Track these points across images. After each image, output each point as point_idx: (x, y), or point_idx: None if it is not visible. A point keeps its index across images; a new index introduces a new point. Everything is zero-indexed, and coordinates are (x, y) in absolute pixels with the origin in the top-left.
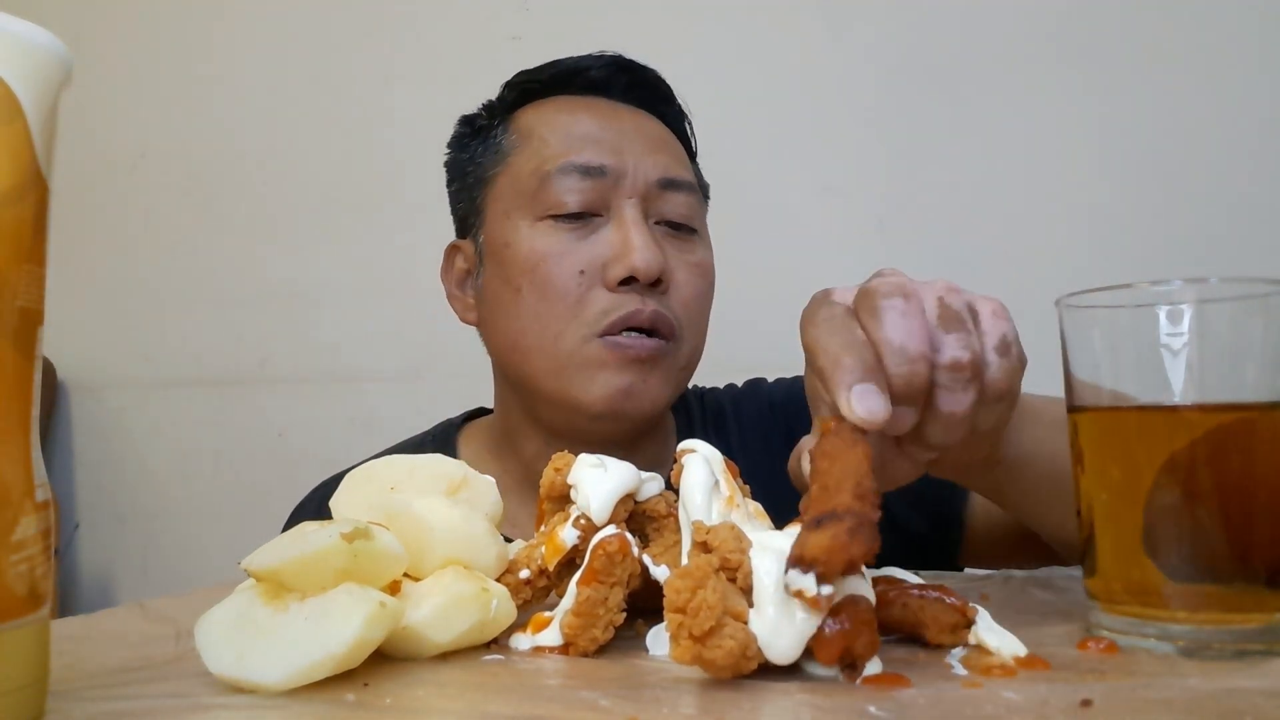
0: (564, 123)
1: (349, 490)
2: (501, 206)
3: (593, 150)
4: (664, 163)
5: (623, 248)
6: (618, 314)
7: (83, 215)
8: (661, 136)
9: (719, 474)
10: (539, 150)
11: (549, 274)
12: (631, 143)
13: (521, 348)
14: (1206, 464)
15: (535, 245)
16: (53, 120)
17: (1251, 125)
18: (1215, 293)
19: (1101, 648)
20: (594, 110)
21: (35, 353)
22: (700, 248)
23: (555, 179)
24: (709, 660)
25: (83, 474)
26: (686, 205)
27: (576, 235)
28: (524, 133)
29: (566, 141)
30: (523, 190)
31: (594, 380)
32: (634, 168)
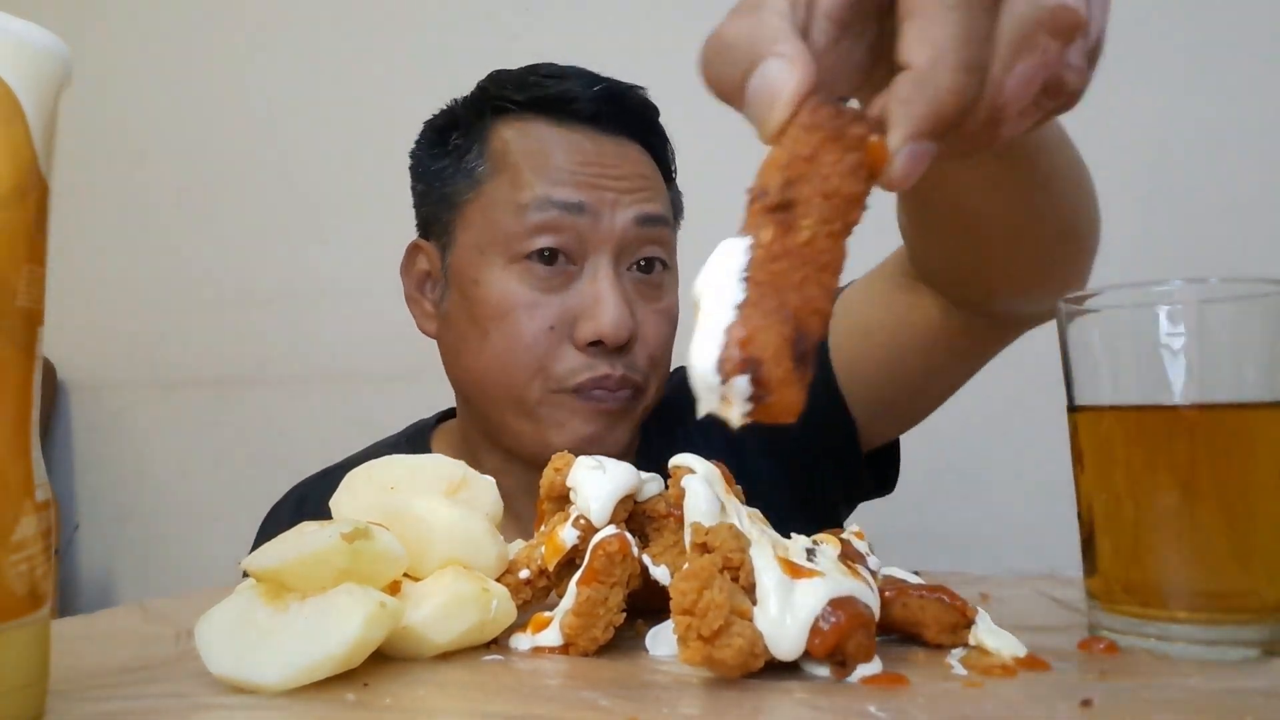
0: (542, 155)
1: (349, 490)
2: (473, 238)
3: (570, 186)
4: (640, 200)
5: (594, 307)
6: (584, 377)
7: (83, 215)
8: (640, 172)
9: (721, 494)
10: (514, 180)
11: (519, 326)
12: (610, 180)
13: (485, 388)
14: (1206, 464)
15: (507, 291)
16: (53, 120)
17: (1251, 125)
18: (1215, 293)
19: (1101, 648)
20: (573, 144)
21: (35, 353)
22: (668, 288)
23: (531, 214)
24: (719, 660)
25: (83, 474)
26: (660, 242)
27: (549, 285)
28: (498, 159)
29: (544, 175)
30: (497, 225)
31: (562, 427)
32: (612, 206)
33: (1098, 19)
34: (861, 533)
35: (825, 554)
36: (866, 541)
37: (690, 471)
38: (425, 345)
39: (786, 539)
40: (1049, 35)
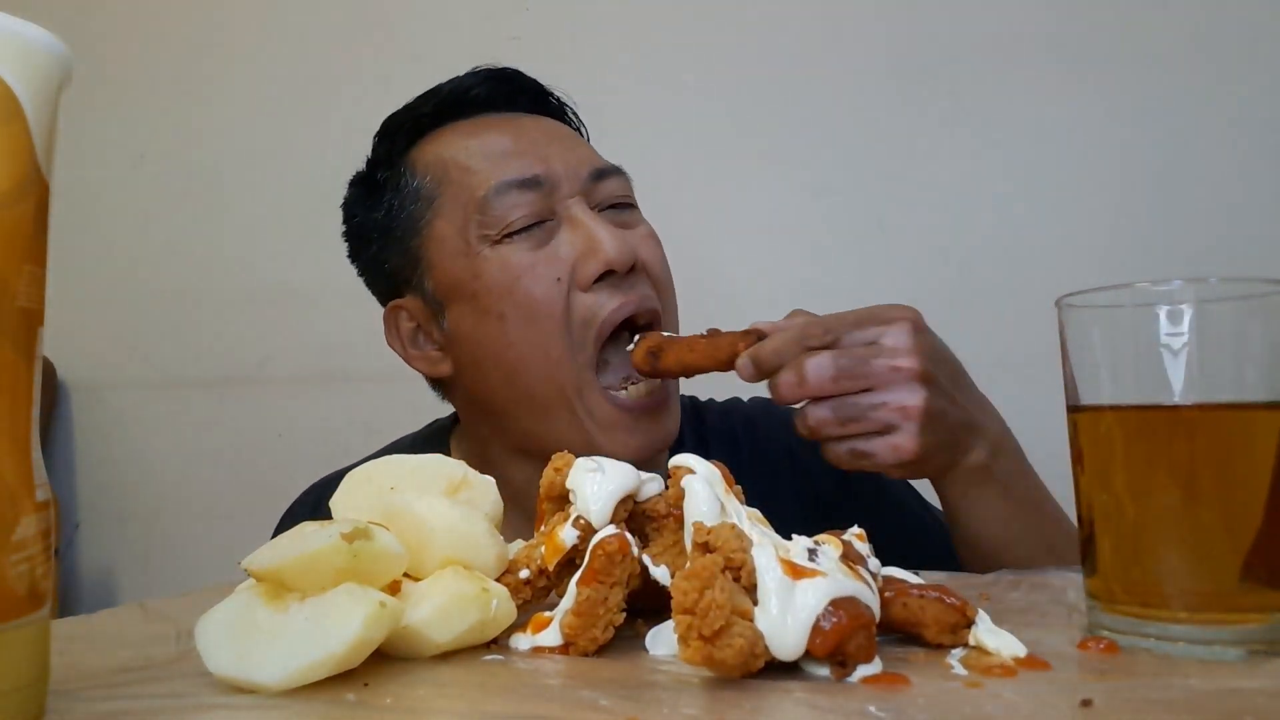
0: (476, 147)
1: (349, 491)
2: (450, 248)
3: (518, 163)
4: (586, 155)
5: (588, 245)
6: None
7: (83, 215)
8: (566, 133)
9: (721, 495)
10: (464, 181)
11: (528, 289)
12: (549, 147)
13: (520, 375)
14: (1206, 464)
15: (508, 262)
16: (53, 120)
17: (1251, 125)
18: (1215, 293)
19: (1101, 648)
20: (498, 127)
21: (35, 353)
22: (644, 222)
23: (494, 201)
24: (720, 660)
25: (83, 474)
26: (621, 186)
27: (536, 243)
28: (438, 171)
29: (487, 163)
30: (467, 224)
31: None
32: (563, 169)
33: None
34: (863, 534)
35: (827, 554)
36: (868, 543)
37: (690, 472)
38: None
39: (787, 540)
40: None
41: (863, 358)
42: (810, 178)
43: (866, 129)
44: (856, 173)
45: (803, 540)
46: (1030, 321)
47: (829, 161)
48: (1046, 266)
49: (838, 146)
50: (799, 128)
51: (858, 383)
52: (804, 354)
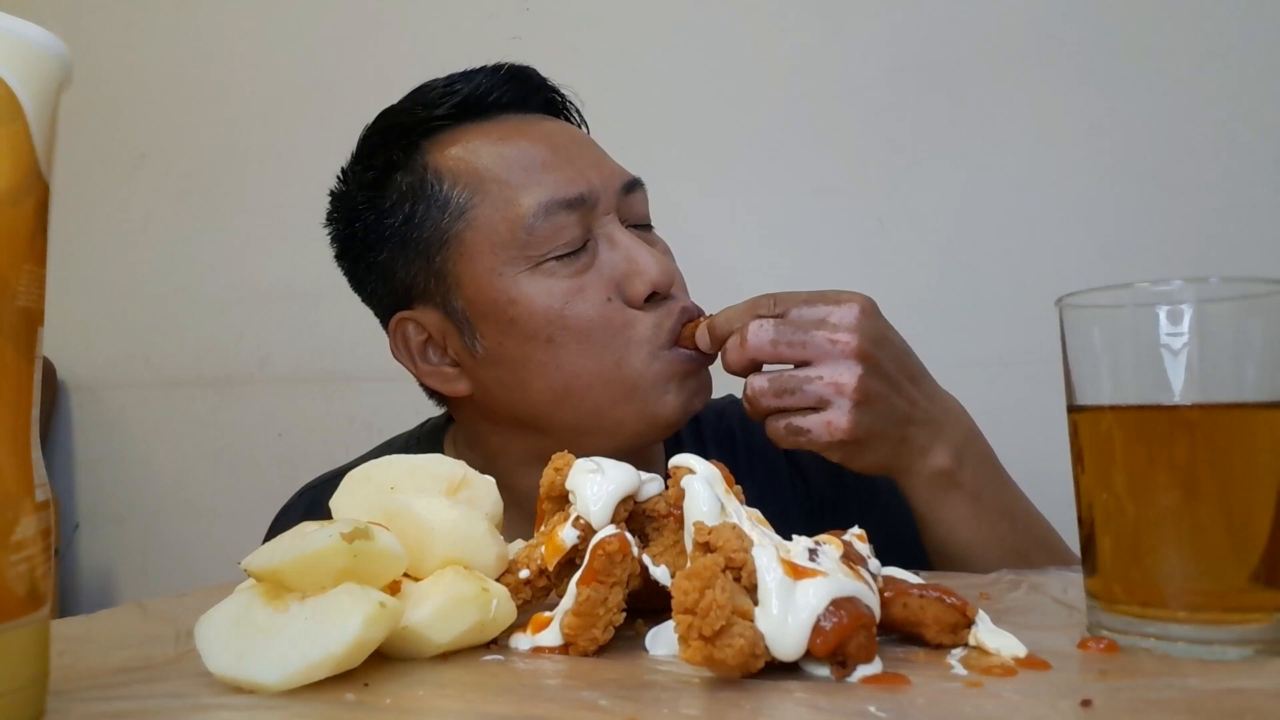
0: (513, 157)
1: (349, 491)
2: (482, 265)
3: (559, 180)
4: (614, 167)
5: (630, 266)
6: (670, 321)
7: (83, 215)
8: (588, 140)
9: (721, 495)
10: (505, 196)
11: (581, 312)
12: (582, 157)
13: (575, 393)
14: (1206, 464)
15: (551, 291)
16: (53, 120)
17: (1251, 125)
18: (1215, 293)
19: (1101, 648)
20: (528, 134)
21: (35, 353)
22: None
23: (541, 221)
24: (719, 660)
25: (83, 474)
26: (643, 202)
27: (578, 268)
28: (472, 181)
29: (529, 177)
30: (507, 243)
31: (667, 391)
32: (600, 183)
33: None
34: (864, 535)
35: (827, 554)
36: (868, 544)
37: (690, 472)
38: None
39: (788, 540)
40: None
41: (804, 327)
42: (810, 177)
43: (867, 128)
44: (856, 172)
45: (803, 540)
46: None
47: (829, 161)
48: (1046, 266)
49: (838, 146)
50: (799, 127)
51: (795, 351)
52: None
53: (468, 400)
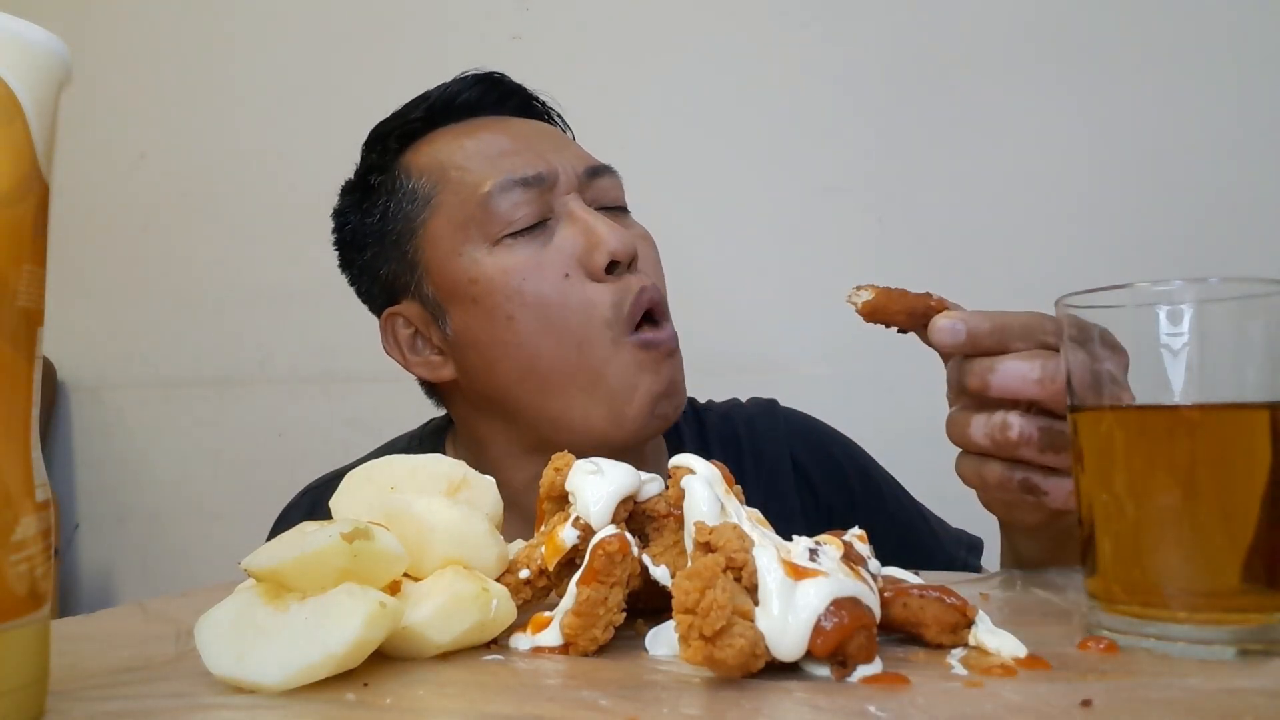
0: (474, 147)
1: (349, 491)
2: (445, 248)
3: (518, 160)
4: (580, 154)
5: (590, 238)
6: (631, 299)
7: (83, 215)
8: (557, 133)
9: (721, 495)
10: (464, 179)
11: (538, 288)
12: (544, 145)
13: (538, 372)
14: (1206, 464)
15: (507, 266)
16: (53, 120)
17: (1251, 125)
18: (1215, 293)
19: (1101, 648)
20: (489, 127)
21: (35, 353)
22: (635, 222)
23: (496, 199)
24: (720, 660)
25: (83, 474)
26: (615, 187)
27: (538, 244)
28: (435, 172)
29: (488, 162)
30: (465, 223)
31: (635, 388)
32: (560, 166)
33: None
34: (864, 535)
35: (828, 554)
36: (869, 544)
37: (690, 472)
38: None
39: (788, 540)
40: None
41: None
42: (810, 176)
43: (867, 128)
44: (857, 171)
45: (804, 540)
46: None
47: (829, 160)
48: (1046, 266)
49: (838, 145)
50: (799, 126)
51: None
52: (1042, 350)
53: (454, 388)
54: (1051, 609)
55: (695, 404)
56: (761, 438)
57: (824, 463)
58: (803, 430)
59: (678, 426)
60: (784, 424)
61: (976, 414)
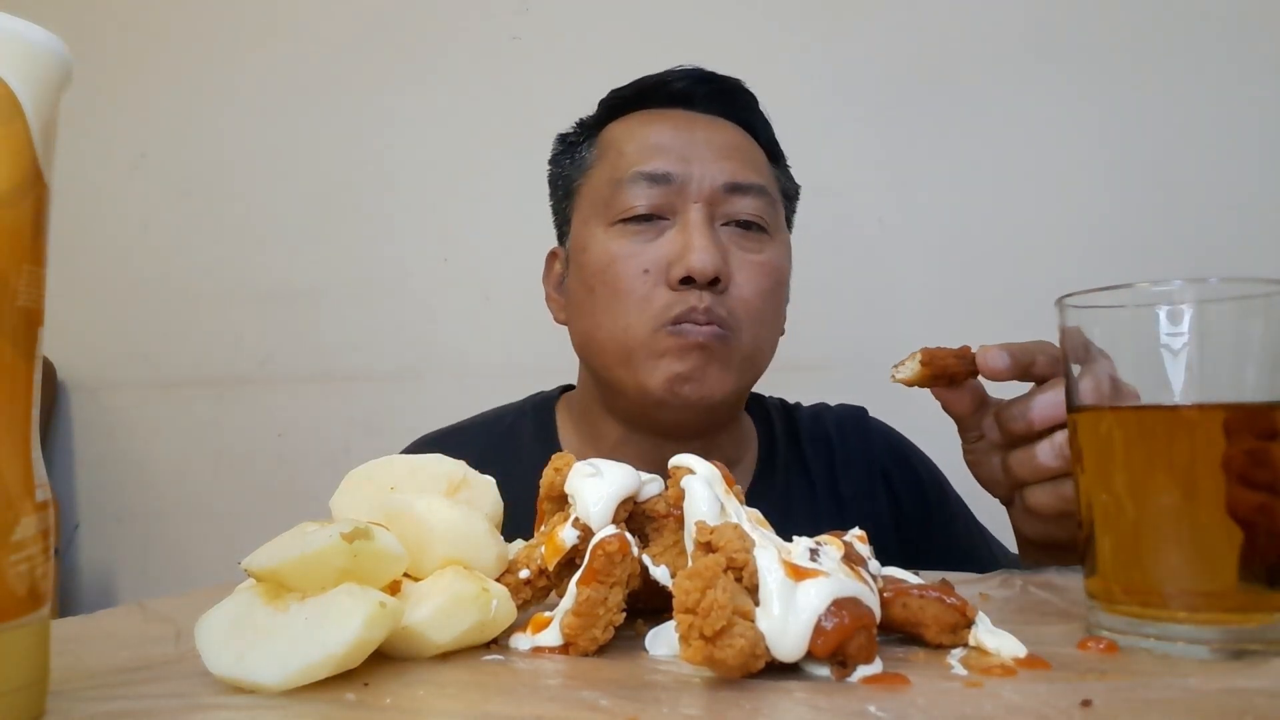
0: (639, 134)
1: (349, 491)
2: (582, 215)
3: (661, 159)
4: (730, 168)
5: (683, 249)
6: (678, 309)
7: (83, 215)
8: (733, 143)
9: (721, 495)
10: (614, 161)
11: (618, 274)
12: (700, 150)
13: (596, 341)
14: (1207, 464)
15: (608, 248)
16: (53, 120)
17: (1251, 125)
18: (1215, 293)
19: (1101, 648)
20: (669, 121)
21: (35, 353)
22: (770, 248)
23: (626, 187)
24: (720, 660)
25: (83, 474)
26: (755, 206)
27: (644, 238)
28: (605, 146)
29: (639, 152)
30: (599, 199)
31: (657, 366)
32: (700, 174)
33: None
34: (865, 535)
35: (828, 555)
36: (869, 545)
37: (690, 472)
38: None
39: (788, 541)
40: None
41: None
42: (810, 177)
43: (867, 128)
44: (857, 172)
45: (804, 541)
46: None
47: (829, 161)
48: (1046, 266)
49: (838, 146)
50: (799, 127)
51: None
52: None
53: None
54: (1051, 609)
55: (785, 403)
56: (853, 441)
57: (907, 475)
58: (891, 441)
59: (769, 420)
60: (874, 434)
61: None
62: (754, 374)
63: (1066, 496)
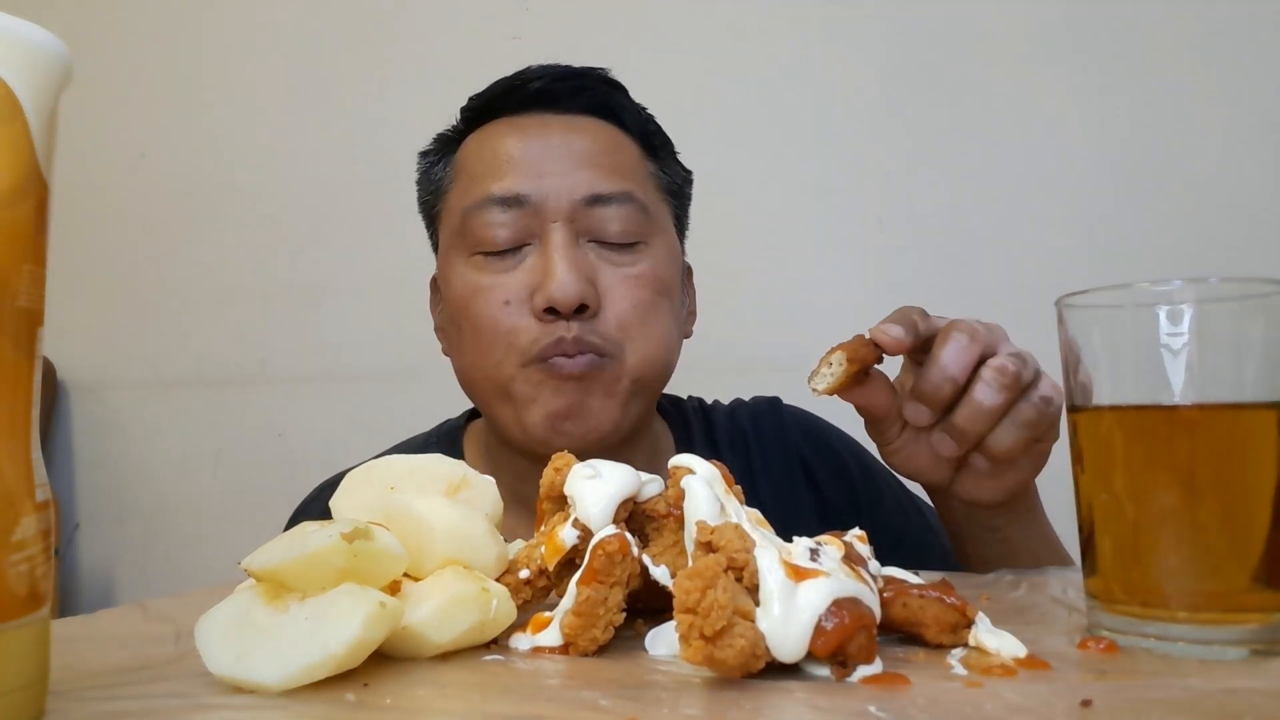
0: (488, 151)
1: (349, 491)
2: (444, 244)
3: (510, 178)
4: (589, 178)
5: (544, 277)
6: (545, 341)
7: (83, 215)
8: (593, 147)
9: (721, 495)
10: (465, 185)
11: (479, 309)
12: (555, 162)
13: (472, 381)
14: (1206, 464)
15: (467, 281)
16: (53, 120)
17: (1251, 125)
18: (1215, 293)
19: (1101, 648)
20: (521, 130)
21: (35, 353)
22: (646, 256)
23: (475, 215)
24: (720, 660)
25: (83, 474)
26: (620, 219)
27: (503, 267)
28: (457, 167)
29: (486, 172)
30: (454, 228)
31: (533, 405)
32: (555, 190)
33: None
34: (864, 536)
35: (829, 555)
36: (869, 545)
37: (690, 472)
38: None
39: (789, 539)
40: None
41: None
42: (810, 177)
43: (866, 129)
44: (856, 173)
45: (804, 541)
46: (1030, 321)
47: (829, 161)
48: (1046, 266)
49: (838, 146)
50: (799, 127)
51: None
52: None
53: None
54: (1051, 609)
55: (703, 404)
56: (768, 436)
57: (828, 459)
58: (806, 427)
59: (688, 425)
60: (789, 421)
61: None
62: (650, 392)
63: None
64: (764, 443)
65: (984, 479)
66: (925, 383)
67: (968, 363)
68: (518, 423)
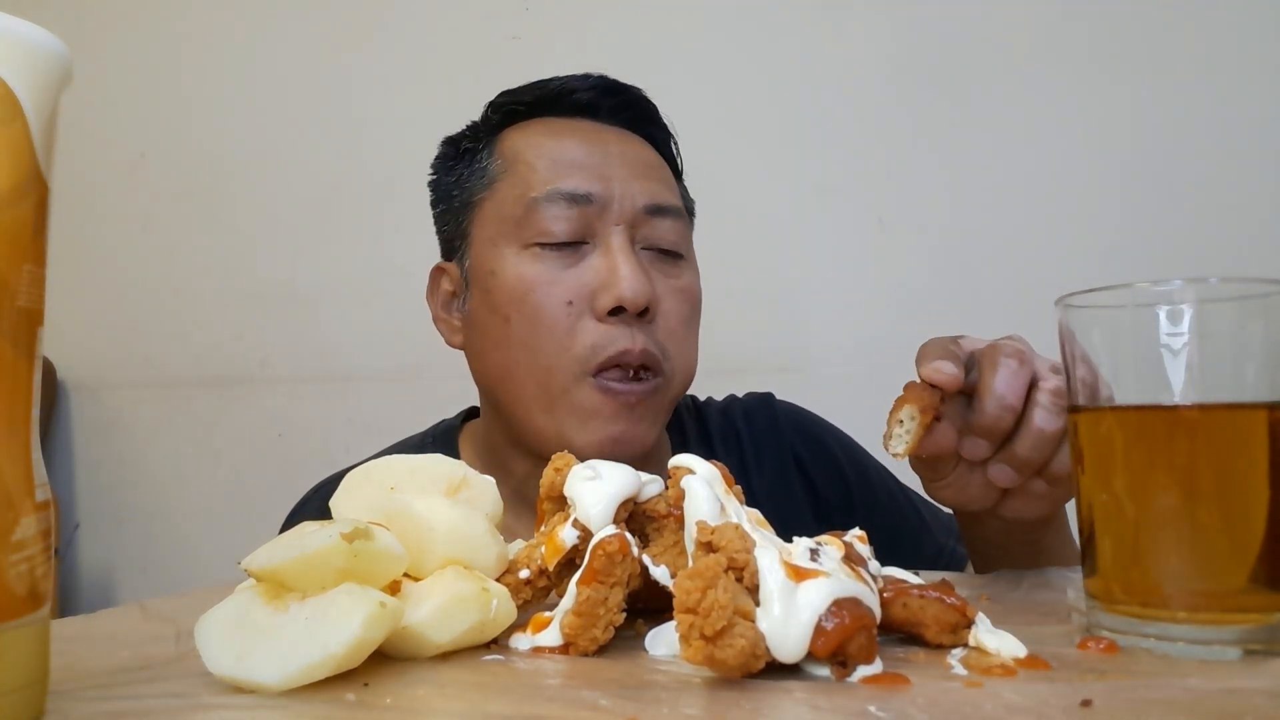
0: (550, 148)
1: (349, 491)
2: (488, 233)
3: (579, 177)
4: (651, 189)
5: (610, 276)
6: (607, 352)
7: (83, 215)
8: (648, 160)
9: (721, 495)
10: (525, 176)
11: (538, 304)
12: (618, 168)
13: (514, 379)
14: (1206, 464)
15: (522, 273)
16: (53, 120)
17: (1251, 125)
18: (1215, 293)
19: (1101, 648)
20: (580, 134)
21: (35, 353)
22: (686, 272)
23: (542, 206)
24: (720, 660)
25: (83, 474)
26: (673, 231)
27: (563, 263)
28: (510, 157)
29: (552, 168)
30: (508, 217)
31: (586, 425)
32: (620, 194)
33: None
34: (864, 536)
35: (829, 555)
36: (869, 545)
37: (690, 472)
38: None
39: (787, 537)
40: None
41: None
42: (810, 176)
43: (867, 128)
44: (856, 172)
45: (804, 541)
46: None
47: (829, 160)
48: (1046, 266)
49: (838, 146)
50: (799, 127)
51: None
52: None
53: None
54: (1051, 609)
55: (696, 400)
56: (761, 433)
57: (820, 455)
58: (799, 423)
59: (681, 424)
60: (782, 418)
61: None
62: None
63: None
64: (757, 439)
65: (1035, 499)
66: (985, 416)
67: (1021, 389)
68: (558, 435)
